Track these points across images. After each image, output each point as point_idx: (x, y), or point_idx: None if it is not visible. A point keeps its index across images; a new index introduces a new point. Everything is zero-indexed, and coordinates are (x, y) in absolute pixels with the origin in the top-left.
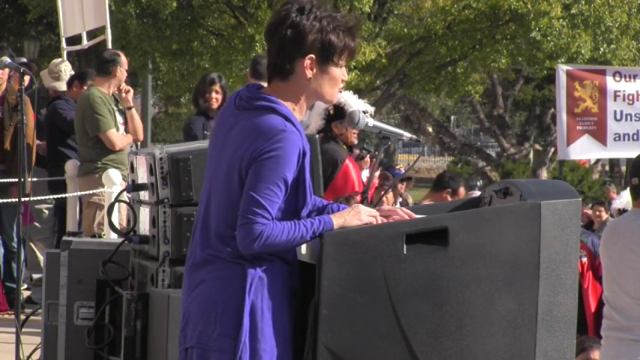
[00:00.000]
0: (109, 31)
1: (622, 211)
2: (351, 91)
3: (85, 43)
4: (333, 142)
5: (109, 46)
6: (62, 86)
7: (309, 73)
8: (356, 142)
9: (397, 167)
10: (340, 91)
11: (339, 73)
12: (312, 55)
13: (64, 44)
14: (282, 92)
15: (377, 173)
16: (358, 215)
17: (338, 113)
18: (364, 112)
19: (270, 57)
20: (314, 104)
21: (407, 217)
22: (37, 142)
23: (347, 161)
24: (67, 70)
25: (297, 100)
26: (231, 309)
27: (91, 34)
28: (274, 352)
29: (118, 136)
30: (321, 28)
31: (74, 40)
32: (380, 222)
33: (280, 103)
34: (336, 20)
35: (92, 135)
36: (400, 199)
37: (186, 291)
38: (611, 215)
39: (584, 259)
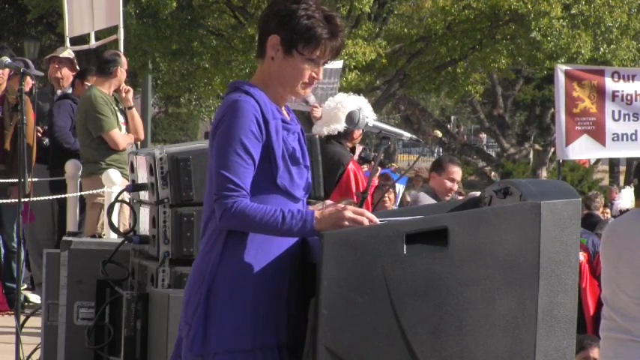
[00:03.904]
0: (121, 30)
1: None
2: (351, 92)
3: (93, 42)
4: (338, 145)
5: (121, 45)
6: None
7: (272, 53)
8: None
9: (387, 166)
10: (306, 90)
11: (307, 66)
12: (277, 36)
13: (67, 44)
14: (258, 73)
15: (377, 173)
16: (342, 214)
17: None
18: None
19: None
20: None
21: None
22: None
23: (351, 164)
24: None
25: (268, 85)
26: (192, 297)
27: (96, 34)
28: (225, 338)
29: (121, 136)
30: (294, 11)
31: (76, 40)
32: (367, 223)
33: (248, 83)
34: (314, 9)
35: (96, 135)
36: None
37: None
38: (613, 216)
39: (582, 258)
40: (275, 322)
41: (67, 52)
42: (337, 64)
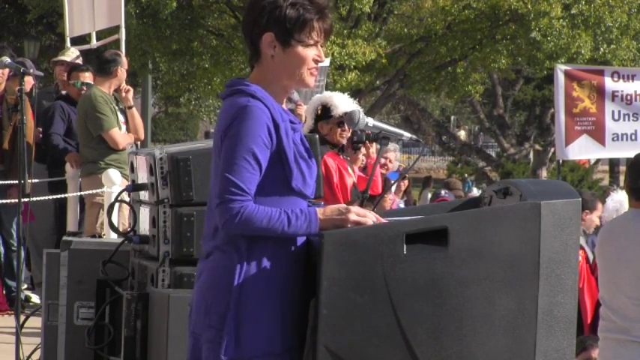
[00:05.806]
0: (122, 30)
1: None
2: (351, 92)
3: (94, 42)
4: None
5: (122, 45)
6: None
7: (270, 52)
8: (344, 142)
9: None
10: (313, 74)
11: (309, 52)
12: (271, 33)
13: (68, 44)
14: (257, 78)
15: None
16: (346, 217)
17: (324, 113)
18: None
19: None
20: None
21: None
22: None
23: (325, 158)
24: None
25: (270, 83)
26: (218, 301)
27: (97, 34)
28: (260, 341)
29: (121, 135)
30: (277, 4)
31: (77, 40)
32: (370, 223)
33: (251, 84)
34: None
35: (95, 135)
36: (405, 198)
37: (195, 281)
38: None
39: (579, 259)
40: (297, 323)
41: (73, 53)
42: (324, 61)
